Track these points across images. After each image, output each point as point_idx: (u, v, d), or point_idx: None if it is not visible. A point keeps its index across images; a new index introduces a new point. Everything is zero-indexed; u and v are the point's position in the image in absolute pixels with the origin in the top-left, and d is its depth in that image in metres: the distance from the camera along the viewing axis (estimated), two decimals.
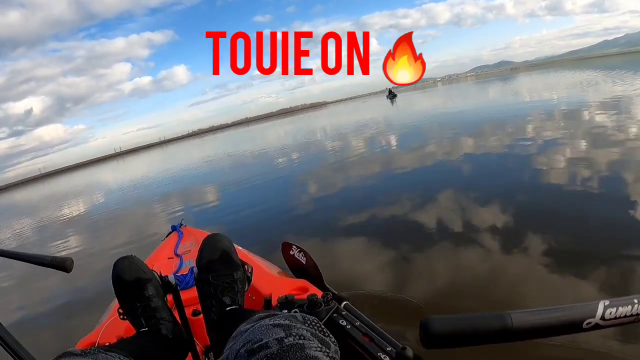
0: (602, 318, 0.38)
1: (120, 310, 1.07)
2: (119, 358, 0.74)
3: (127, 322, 1.32)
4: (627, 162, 3.98)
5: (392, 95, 44.03)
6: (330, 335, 0.62)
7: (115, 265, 1.06)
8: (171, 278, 1.13)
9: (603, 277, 2.11)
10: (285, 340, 0.54)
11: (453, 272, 2.51)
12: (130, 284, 1.04)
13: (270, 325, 0.59)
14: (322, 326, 0.63)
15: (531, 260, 2.41)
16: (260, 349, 0.54)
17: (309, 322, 0.62)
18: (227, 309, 1.05)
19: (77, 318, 3.05)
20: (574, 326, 0.38)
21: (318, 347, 0.55)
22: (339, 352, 0.59)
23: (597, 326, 0.38)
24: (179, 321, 1.13)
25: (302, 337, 0.55)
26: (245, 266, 1.18)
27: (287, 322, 0.60)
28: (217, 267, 1.12)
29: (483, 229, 3.01)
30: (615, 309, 0.38)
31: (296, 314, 0.66)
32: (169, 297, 1.14)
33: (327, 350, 0.56)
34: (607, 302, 0.38)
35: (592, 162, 4.20)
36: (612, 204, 3.07)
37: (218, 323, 1.05)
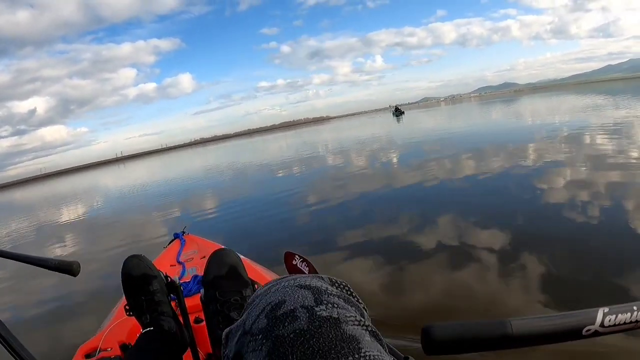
0: (602, 325, 0.38)
1: (127, 307, 1.11)
2: None
3: (129, 326, 1.32)
4: (628, 186, 3.99)
5: (398, 113, 43.83)
6: (361, 301, 0.50)
7: (125, 262, 1.12)
8: (175, 279, 1.16)
9: (599, 295, 2.10)
10: (317, 309, 0.43)
11: (450, 288, 2.50)
12: (137, 279, 1.09)
13: (296, 286, 0.47)
14: (351, 289, 0.51)
15: (528, 281, 2.41)
16: (285, 317, 0.42)
17: (337, 284, 0.50)
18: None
19: (78, 320, 3.04)
20: (574, 333, 0.38)
21: (355, 319, 0.43)
22: (370, 319, 0.48)
23: (596, 333, 0.38)
24: (182, 322, 1.15)
25: (336, 306, 0.44)
26: (256, 285, 1.11)
27: (315, 282, 0.48)
28: (224, 283, 1.07)
29: (480, 249, 3.01)
30: (614, 315, 0.38)
31: (322, 275, 0.52)
32: (173, 304, 1.16)
33: (365, 322, 0.44)
34: (606, 309, 0.39)
35: (591, 186, 4.20)
36: (611, 227, 3.08)
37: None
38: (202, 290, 1.11)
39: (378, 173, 7.63)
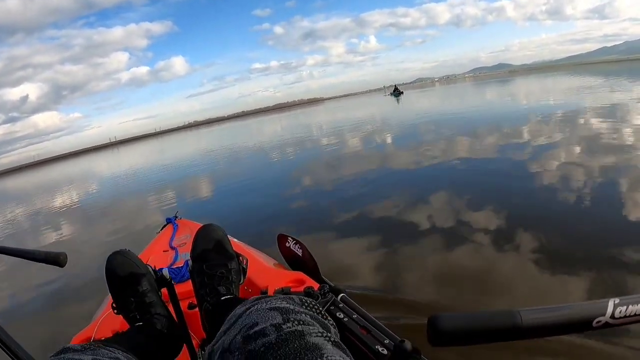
0: (612, 316, 0.37)
1: (114, 305, 1.06)
2: (118, 352, 0.73)
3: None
4: (621, 167, 4.01)
5: (397, 93, 42.37)
6: (329, 318, 0.59)
7: (109, 260, 1.05)
8: (165, 272, 1.12)
9: (596, 279, 2.13)
10: (284, 326, 0.51)
11: (447, 269, 2.52)
12: (124, 279, 1.03)
13: (267, 308, 0.55)
14: (321, 308, 0.60)
15: (525, 261, 2.43)
16: (257, 335, 0.50)
17: (307, 304, 0.59)
18: (222, 298, 1.04)
19: (71, 311, 3.03)
20: (584, 325, 0.38)
21: (319, 332, 0.51)
22: (338, 334, 0.57)
23: (607, 325, 0.38)
24: (174, 316, 1.13)
25: (301, 322, 0.52)
26: (240, 257, 1.16)
27: (284, 304, 0.57)
28: (211, 256, 1.11)
29: (476, 229, 3.03)
30: (625, 307, 0.38)
31: (293, 296, 0.63)
32: (164, 292, 1.14)
33: (328, 335, 0.52)
34: (617, 300, 0.38)
35: (585, 167, 4.22)
36: (605, 207, 3.10)
37: (213, 313, 1.03)
38: (190, 262, 1.14)
39: (384, 155, 7.59)
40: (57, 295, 3.49)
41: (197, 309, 1.26)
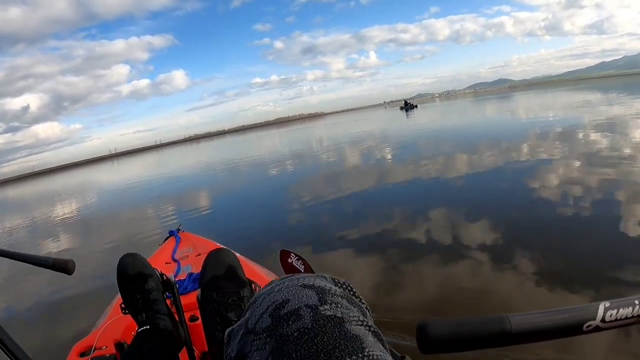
0: (603, 320, 0.37)
1: (122, 305, 1.10)
2: None
3: (124, 325, 1.32)
4: (619, 183, 4.01)
5: (408, 107, 40.93)
6: (364, 301, 0.50)
7: (120, 261, 1.10)
8: (171, 277, 1.15)
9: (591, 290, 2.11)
10: (321, 308, 0.43)
11: (444, 285, 2.50)
12: (133, 277, 1.08)
13: (300, 285, 0.47)
14: (354, 289, 0.51)
15: (522, 276, 2.41)
16: (289, 316, 0.42)
17: (340, 284, 0.50)
18: (234, 322, 0.99)
19: (73, 319, 3.03)
20: (574, 329, 0.37)
21: (359, 319, 0.43)
22: (372, 319, 0.48)
23: (597, 328, 0.37)
24: (177, 319, 1.13)
25: (339, 306, 0.44)
26: (253, 285, 1.12)
27: (319, 282, 0.48)
28: (222, 283, 1.06)
29: (474, 245, 3.02)
30: (615, 310, 0.37)
31: (325, 274, 0.52)
32: (168, 302, 1.14)
33: (368, 322, 0.44)
34: (607, 304, 0.37)
35: (584, 183, 4.23)
36: (602, 222, 3.11)
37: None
38: (199, 291, 1.10)
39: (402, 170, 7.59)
40: (60, 303, 3.49)
41: (199, 321, 1.24)
